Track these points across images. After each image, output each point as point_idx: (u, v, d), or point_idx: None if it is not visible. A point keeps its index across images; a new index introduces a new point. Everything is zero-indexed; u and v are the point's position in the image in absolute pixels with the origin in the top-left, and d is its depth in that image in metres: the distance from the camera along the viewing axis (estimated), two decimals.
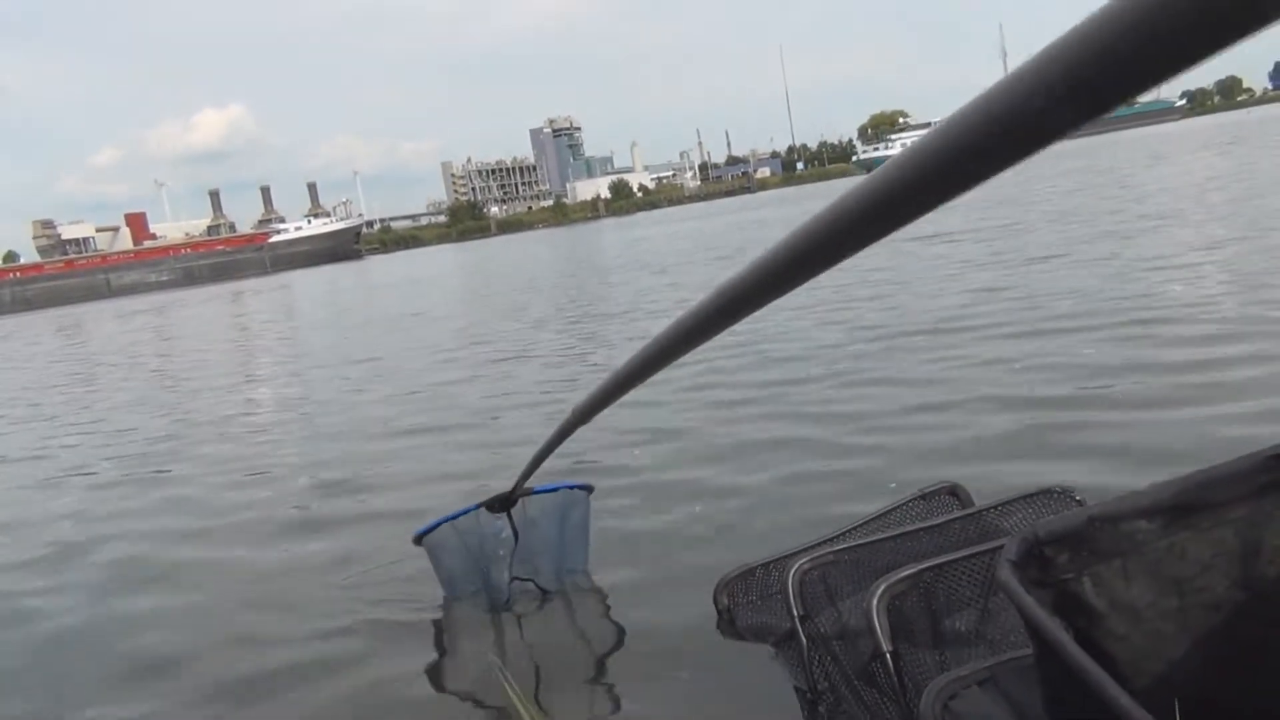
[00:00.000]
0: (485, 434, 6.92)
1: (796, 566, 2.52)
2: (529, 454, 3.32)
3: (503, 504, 3.74)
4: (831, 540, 2.84)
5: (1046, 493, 2.58)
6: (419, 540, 3.76)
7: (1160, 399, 5.05)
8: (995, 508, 2.61)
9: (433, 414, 7.94)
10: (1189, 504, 1.18)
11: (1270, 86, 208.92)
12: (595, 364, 9.42)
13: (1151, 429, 4.58)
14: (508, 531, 3.76)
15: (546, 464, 3.29)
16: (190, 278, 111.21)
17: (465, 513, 3.76)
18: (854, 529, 2.95)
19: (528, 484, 3.65)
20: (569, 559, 3.92)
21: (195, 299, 53.13)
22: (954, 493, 3.03)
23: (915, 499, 3.04)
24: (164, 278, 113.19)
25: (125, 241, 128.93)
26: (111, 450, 8.52)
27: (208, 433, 8.75)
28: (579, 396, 2.44)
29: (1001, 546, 1.28)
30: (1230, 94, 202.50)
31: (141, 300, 68.31)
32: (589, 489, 3.94)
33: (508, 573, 3.78)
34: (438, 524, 3.74)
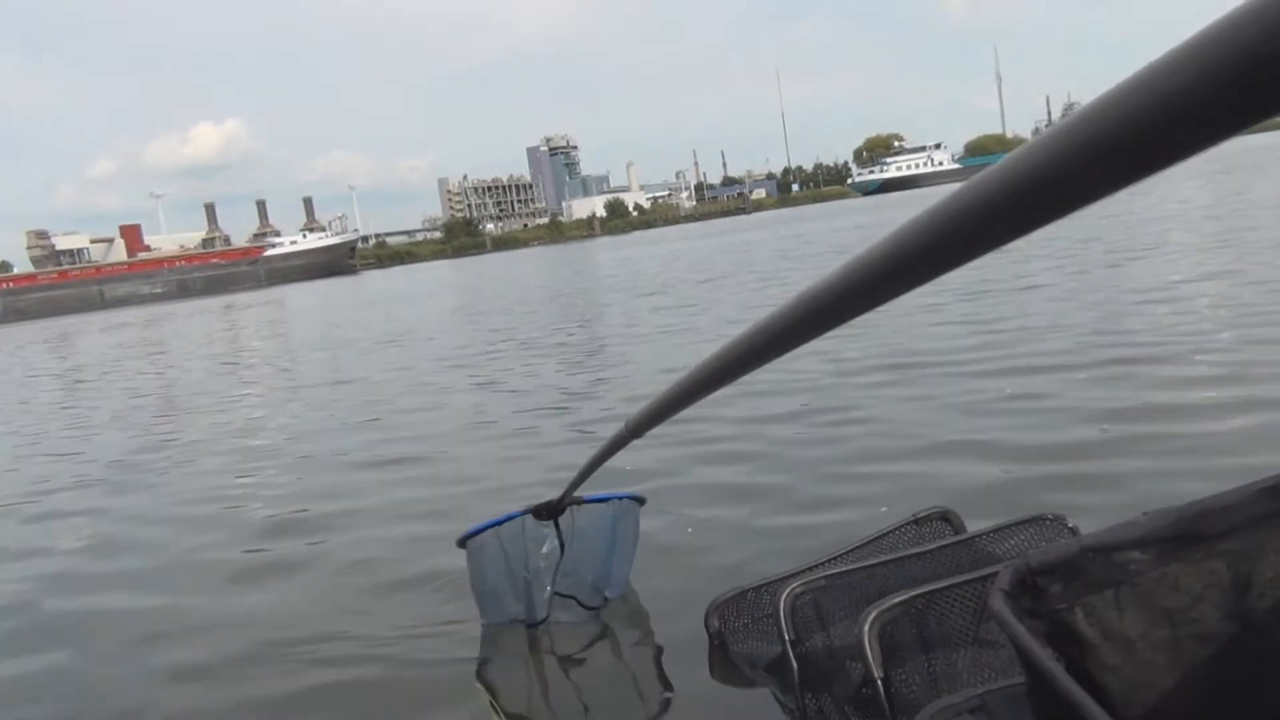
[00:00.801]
0: (452, 469, 6.61)
1: (788, 590, 2.51)
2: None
3: (550, 511, 3.52)
4: (824, 564, 2.83)
5: (1039, 520, 2.58)
6: (463, 543, 3.54)
7: (1150, 430, 5.07)
8: (988, 534, 2.60)
9: (406, 445, 7.57)
10: (1181, 535, 1.18)
11: None
12: (560, 402, 9.40)
13: (1141, 461, 4.58)
14: (554, 542, 3.56)
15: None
16: (184, 290, 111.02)
17: (510, 519, 3.54)
18: (846, 553, 2.94)
19: (576, 493, 3.43)
20: (614, 574, 3.71)
21: (184, 312, 52.96)
22: (946, 518, 3.02)
23: (908, 524, 3.03)
24: (158, 290, 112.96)
25: (120, 253, 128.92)
26: (63, 474, 8.29)
27: (164, 459, 8.34)
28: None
29: (993, 574, 1.28)
30: None
31: (131, 313, 67.93)
32: (641, 500, 3.75)
33: (549, 587, 3.57)
34: (483, 528, 3.52)
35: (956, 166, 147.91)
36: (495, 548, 3.52)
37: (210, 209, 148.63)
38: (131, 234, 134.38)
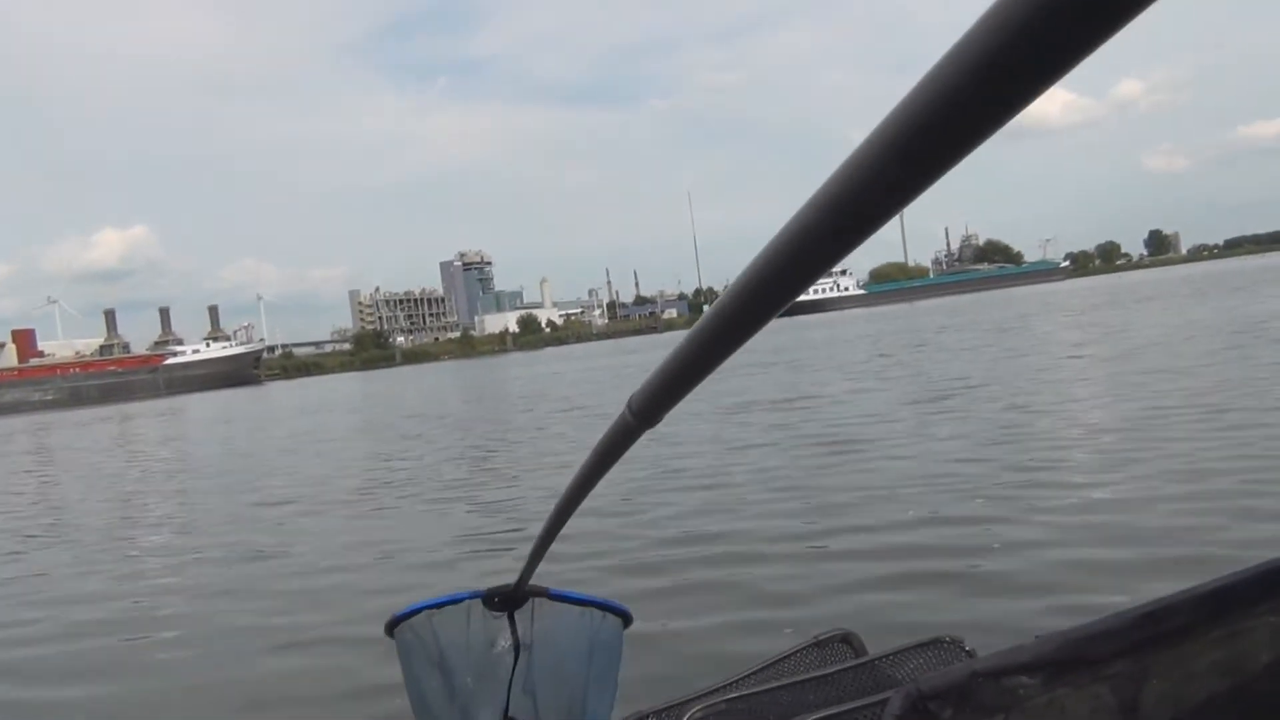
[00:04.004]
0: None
1: (687, 716, 2.45)
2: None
3: (505, 601, 2.47)
4: (725, 687, 2.78)
5: (937, 642, 2.58)
6: (391, 629, 2.49)
7: (1038, 553, 5.17)
8: (886, 657, 2.59)
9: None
10: (1068, 659, 1.19)
11: (1145, 252, 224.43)
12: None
13: (1031, 589, 4.66)
14: (508, 642, 2.52)
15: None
16: (78, 398, 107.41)
17: (454, 600, 2.49)
18: (748, 675, 2.89)
19: (539, 581, 2.41)
20: (591, 707, 2.53)
21: (68, 421, 50.67)
22: (847, 640, 3.00)
23: (810, 646, 3.00)
24: (49, 397, 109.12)
25: (10, 359, 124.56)
26: None
27: None
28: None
29: (888, 699, 1.27)
30: (1109, 258, 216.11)
31: (13, 422, 64.52)
32: (627, 618, 2.53)
33: (499, 705, 2.50)
34: (416, 609, 2.47)
35: (861, 292, 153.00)
36: (430, 636, 2.53)
37: (110, 315, 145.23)
38: (24, 339, 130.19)
